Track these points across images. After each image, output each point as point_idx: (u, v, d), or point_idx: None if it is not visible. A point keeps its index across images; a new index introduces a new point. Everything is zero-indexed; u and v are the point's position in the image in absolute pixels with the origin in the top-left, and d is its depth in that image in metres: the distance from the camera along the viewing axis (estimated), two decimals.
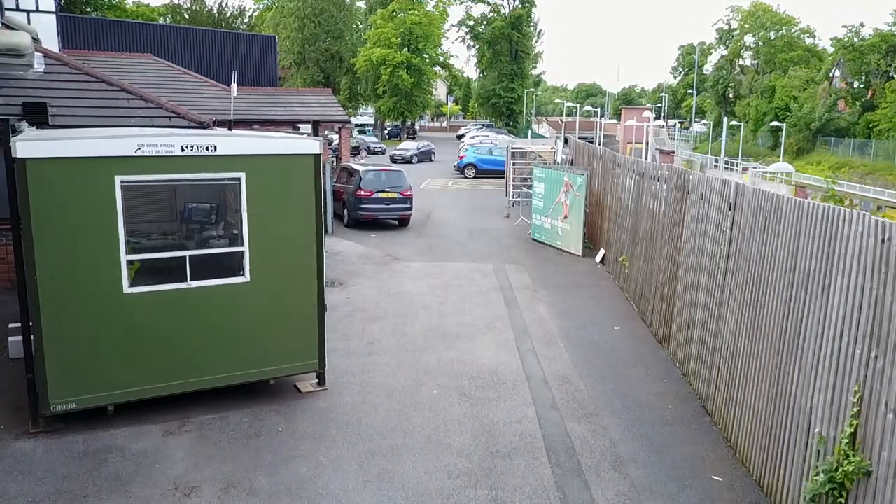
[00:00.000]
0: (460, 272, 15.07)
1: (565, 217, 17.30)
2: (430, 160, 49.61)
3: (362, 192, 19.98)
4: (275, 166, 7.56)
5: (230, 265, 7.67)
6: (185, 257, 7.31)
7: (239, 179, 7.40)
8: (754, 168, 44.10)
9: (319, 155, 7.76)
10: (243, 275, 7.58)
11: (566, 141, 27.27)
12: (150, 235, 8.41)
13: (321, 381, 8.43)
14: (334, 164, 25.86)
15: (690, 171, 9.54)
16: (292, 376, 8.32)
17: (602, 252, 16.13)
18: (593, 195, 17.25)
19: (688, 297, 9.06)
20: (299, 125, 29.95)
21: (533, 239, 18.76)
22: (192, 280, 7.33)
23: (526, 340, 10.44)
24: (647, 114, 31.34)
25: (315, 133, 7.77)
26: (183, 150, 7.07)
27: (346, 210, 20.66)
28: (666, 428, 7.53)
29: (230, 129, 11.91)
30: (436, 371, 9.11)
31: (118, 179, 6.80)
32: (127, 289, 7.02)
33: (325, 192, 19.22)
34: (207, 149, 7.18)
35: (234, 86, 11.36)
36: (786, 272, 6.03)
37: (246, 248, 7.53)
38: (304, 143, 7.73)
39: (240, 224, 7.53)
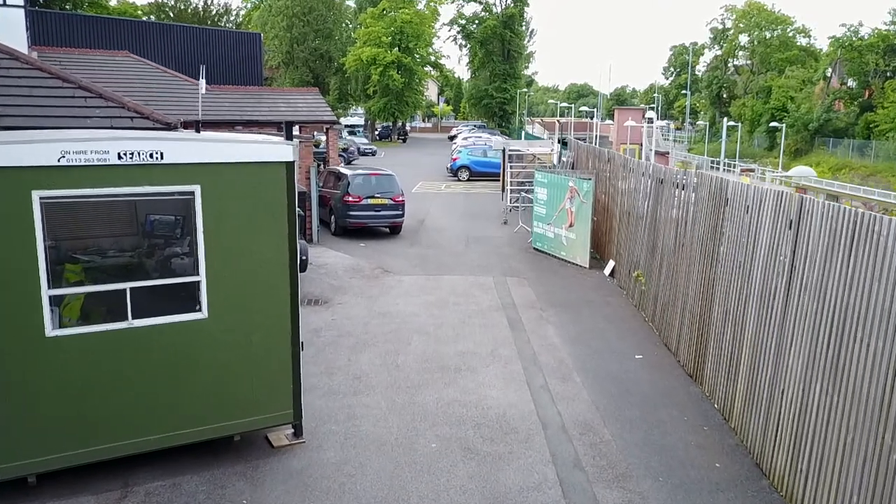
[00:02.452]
0: (457, 287, 13.71)
1: (570, 225, 15.97)
2: None
3: (350, 198, 18.58)
4: (238, 177, 6.17)
5: (187, 294, 6.28)
6: (125, 290, 5.91)
7: (193, 193, 6.02)
8: (772, 173, 42.73)
9: (293, 163, 6.38)
10: (199, 310, 6.19)
11: (565, 143, 25.98)
12: (105, 252, 6.99)
13: (297, 432, 7.05)
14: (320, 167, 24.46)
15: (729, 180, 8.22)
16: (262, 430, 6.92)
17: (611, 264, 14.81)
18: (600, 202, 15.93)
19: (729, 327, 7.73)
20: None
21: (534, 248, 17.42)
22: (134, 318, 5.93)
23: (537, 373, 9.09)
24: (650, 114, 30.06)
25: (288, 136, 6.40)
26: (121, 157, 5.68)
27: (333, 217, 19.25)
28: (718, 495, 6.19)
29: (198, 130, 10.51)
30: (434, 416, 7.73)
31: (36, 195, 5.41)
32: (51, 331, 5.63)
33: (310, 198, 17.88)
34: (152, 156, 5.79)
35: (203, 81, 9.95)
36: (891, 322, 4.68)
37: (202, 277, 6.14)
38: (275, 149, 6.34)
39: (194, 249, 6.14)
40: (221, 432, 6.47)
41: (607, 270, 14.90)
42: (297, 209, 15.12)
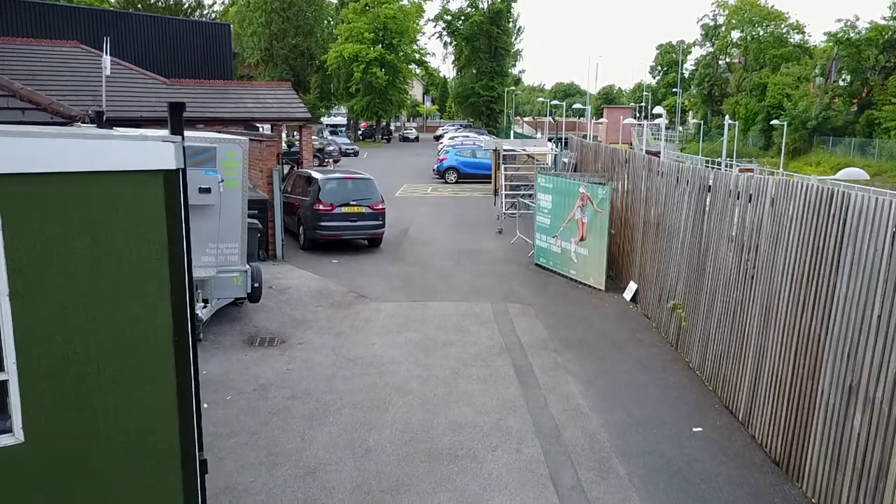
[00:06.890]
0: (448, 319, 11.12)
1: (582, 239, 13.41)
2: None
3: (321, 207, 15.89)
4: (75, 199, 3.53)
5: None
6: None
7: None
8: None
9: (178, 172, 3.77)
10: (10, 431, 3.55)
11: (564, 143, 23.49)
12: None
13: None
14: (292, 168, 21.84)
15: (847, 191, 5.70)
16: None
17: (633, 287, 12.25)
18: (616, 211, 13.38)
19: (858, 409, 5.20)
20: (257, 124, 25.86)
21: (537, 264, 14.86)
22: None
23: (563, 462, 6.50)
24: (658, 109, 27.67)
25: (176, 131, 3.79)
26: None
27: (301, 228, 16.55)
28: None
29: (101, 124, 7.79)
30: None
31: None
32: None
33: (272, 206, 15.21)
34: None
35: (107, 58, 7.38)
36: None
37: (12, 374, 3.49)
38: (144, 150, 3.71)
39: None
40: None
41: (628, 295, 12.37)
42: (256, 223, 12.38)
